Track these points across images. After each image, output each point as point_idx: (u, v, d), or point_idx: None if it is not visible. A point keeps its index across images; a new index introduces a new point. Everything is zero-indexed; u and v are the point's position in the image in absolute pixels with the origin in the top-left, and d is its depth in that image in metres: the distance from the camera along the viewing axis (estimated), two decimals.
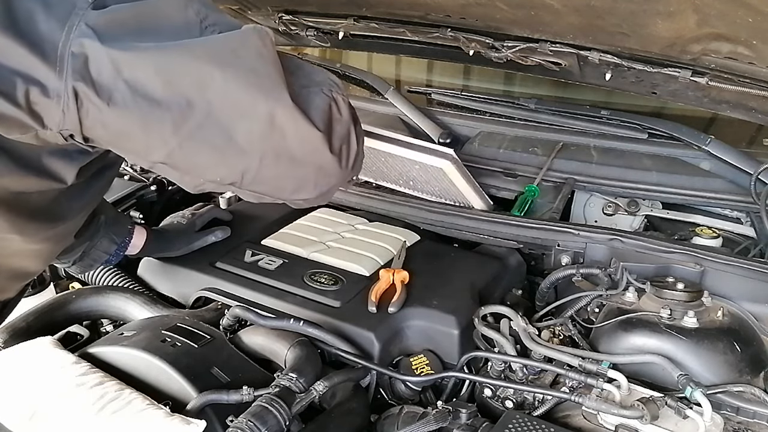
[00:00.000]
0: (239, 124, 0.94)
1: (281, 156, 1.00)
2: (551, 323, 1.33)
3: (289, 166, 1.02)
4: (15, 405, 1.06)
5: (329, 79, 1.06)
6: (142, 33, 0.87)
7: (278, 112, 0.94)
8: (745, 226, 1.66)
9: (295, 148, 0.99)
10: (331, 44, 2.00)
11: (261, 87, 0.93)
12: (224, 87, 0.90)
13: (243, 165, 0.99)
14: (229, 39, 0.92)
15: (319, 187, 1.09)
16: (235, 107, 0.93)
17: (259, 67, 0.93)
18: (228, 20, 0.96)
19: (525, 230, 1.57)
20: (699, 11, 1.09)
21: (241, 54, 0.92)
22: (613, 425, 1.07)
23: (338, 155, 1.04)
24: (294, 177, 1.06)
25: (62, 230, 1.14)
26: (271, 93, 0.93)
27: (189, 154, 0.96)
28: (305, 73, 1.04)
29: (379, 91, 2.16)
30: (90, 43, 0.84)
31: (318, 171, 1.06)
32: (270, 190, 1.08)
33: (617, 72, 1.51)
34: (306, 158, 1.02)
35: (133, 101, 0.87)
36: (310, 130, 0.98)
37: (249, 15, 1.97)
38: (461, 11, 1.44)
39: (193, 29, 0.90)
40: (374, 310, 1.31)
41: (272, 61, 0.94)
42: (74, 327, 1.41)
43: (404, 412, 1.16)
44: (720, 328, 1.21)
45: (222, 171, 1.00)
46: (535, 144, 1.89)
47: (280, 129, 0.96)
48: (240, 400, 1.05)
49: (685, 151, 1.75)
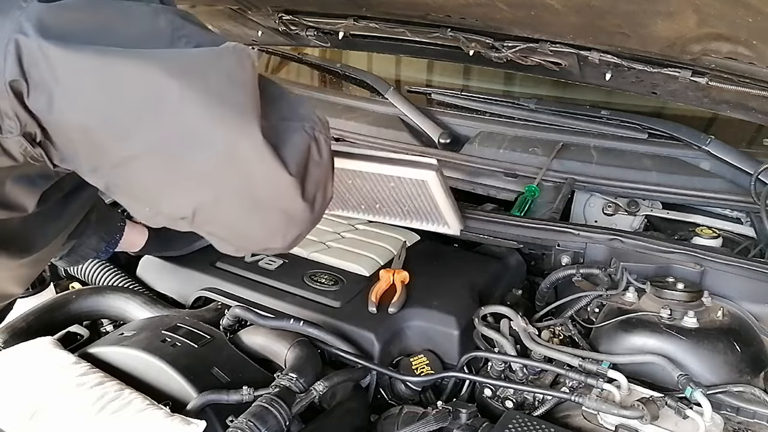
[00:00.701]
0: (193, 152, 0.82)
1: (242, 197, 0.87)
2: (551, 323, 1.33)
3: (252, 211, 0.89)
4: (15, 405, 1.06)
5: (314, 115, 0.94)
6: (94, 34, 0.78)
7: (242, 145, 0.82)
8: (745, 226, 1.66)
9: (260, 190, 0.87)
10: (331, 44, 2.00)
11: (224, 114, 0.81)
12: (179, 108, 0.79)
13: (194, 200, 0.87)
14: (199, 55, 0.82)
15: (287, 237, 0.96)
16: (190, 133, 0.81)
17: (226, 91, 0.81)
18: (208, 35, 0.86)
19: (525, 230, 1.57)
20: (699, 11, 1.09)
21: (209, 74, 0.81)
22: (613, 425, 1.07)
23: (311, 203, 0.92)
24: (260, 224, 0.92)
25: (38, 257, 1.07)
26: (236, 123, 0.81)
27: (131, 177, 0.85)
28: (288, 104, 0.92)
29: (379, 91, 2.16)
30: (25, 38, 0.75)
31: (287, 219, 0.93)
32: (231, 236, 0.95)
33: (617, 72, 1.51)
34: (273, 203, 0.90)
35: (71, 107, 0.78)
36: (279, 172, 0.85)
37: (249, 15, 1.97)
38: (461, 11, 1.44)
39: (160, 39, 0.81)
40: (374, 310, 1.31)
41: (245, 87, 0.83)
42: (74, 327, 1.41)
43: (404, 412, 1.16)
44: (720, 328, 1.21)
45: (170, 203, 0.89)
46: (535, 144, 1.89)
47: (242, 166, 0.84)
48: (240, 400, 1.05)
49: (685, 151, 1.75)
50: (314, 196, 0.92)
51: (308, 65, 2.49)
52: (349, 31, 1.77)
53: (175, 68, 0.79)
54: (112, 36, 0.79)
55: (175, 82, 0.78)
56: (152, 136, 0.81)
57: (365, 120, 2.12)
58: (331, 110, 2.20)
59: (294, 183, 0.87)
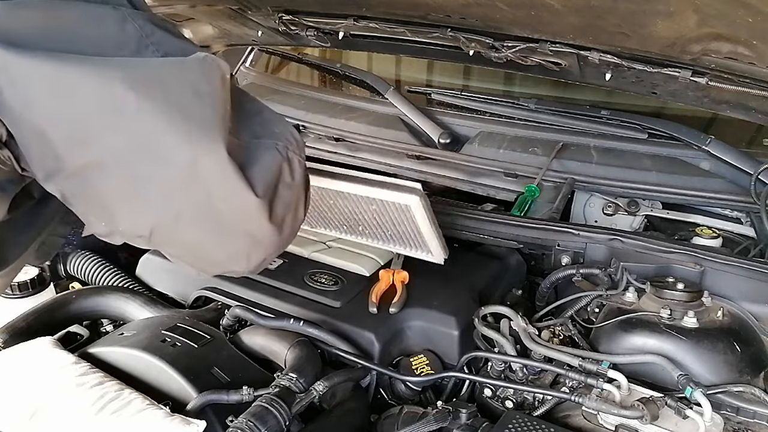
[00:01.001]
0: (151, 167, 0.77)
1: (204, 218, 0.82)
2: (551, 323, 1.33)
3: (214, 232, 0.84)
4: (15, 405, 1.06)
5: (290, 133, 0.89)
6: (51, 36, 0.74)
7: (204, 162, 0.77)
8: (745, 226, 1.66)
9: (223, 211, 0.82)
10: (331, 44, 2.00)
11: (187, 129, 0.76)
12: (137, 119, 0.75)
13: (151, 218, 0.82)
14: (164, 65, 0.78)
15: (252, 260, 0.91)
16: (148, 146, 0.76)
17: (190, 105, 0.77)
18: (179, 44, 0.82)
19: (525, 230, 1.57)
20: (699, 11, 1.09)
21: (172, 85, 0.77)
22: (613, 425, 1.07)
23: (279, 225, 0.87)
24: (222, 246, 0.87)
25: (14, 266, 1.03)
26: (199, 139, 0.76)
27: (87, 188, 0.80)
28: (263, 121, 0.88)
29: (379, 91, 2.16)
30: None
31: (252, 242, 0.88)
32: (192, 258, 0.90)
33: (617, 72, 1.50)
34: (237, 225, 0.84)
35: (24, 108, 0.75)
36: (244, 193, 0.80)
37: (249, 15, 1.97)
38: (461, 11, 1.44)
39: (126, 46, 0.77)
40: (375, 310, 1.31)
41: (212, 102, 0.78)
42: (74, 327, 1.42)
43: (404, 412, 1.16)
44: (720, 328, 1.21)
45: (127, 219, 0.84)
46: (535, 144, 1.89)
47: (204, 184, 0.79)
48: (240, 400, 1.05)
49: (685, 151, 1.75)
50: (283, 219, 0.87)
51: (308, 65, 2.50)
52: (349, 31, 1.77)
53: (133, 78, 0.75)
54: (72, 40, 0.75)
55: (132, 93, 0.74)
56: (109, 147, 0.77)
57: (365, 120, 2.12)
58: (331, 110, 2.21)
59: (260, 205, 0.82)
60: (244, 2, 1.86)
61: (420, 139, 2.03)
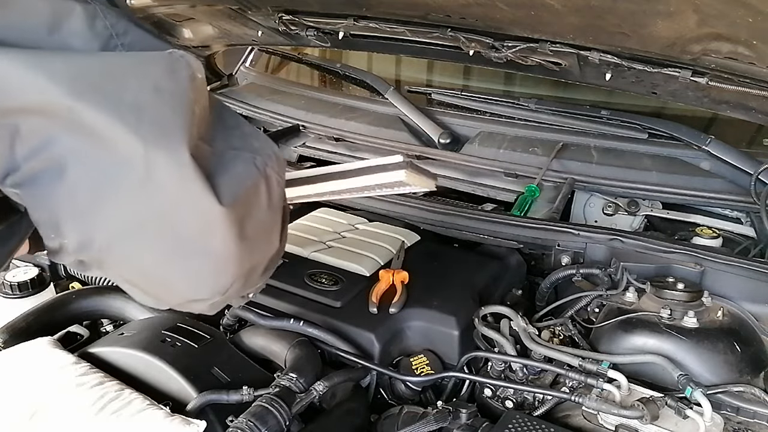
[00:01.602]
0: (101, 172, 0.68)
1: (162, 231, 0.72)
2: (551, 323, 1.33)
3: (173, 249, 0.73)
4: (15, 405, 1.06)
5: (271, 150, 0.80)
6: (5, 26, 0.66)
7: (160, 163, 0.67)
8: (745, 226, 1.66)
9: (184, 221, 0.72)
10: (331, 44, 2.00)
11: (141, 128, 0.67)
12: (86, 118, 0.66)
13: (101, 231, 0.71)
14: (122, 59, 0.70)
15: (218, 285, 0.79)
16: (98, 148, 0.67)
17: (147, 102, 0.68)
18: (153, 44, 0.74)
19: (525, 230, 1.57)
20: (699, 11, 1.09)
21: (127, 81, 0.68)
22: (613, 425, 1.07)
23: (249, 250, 0.77)
24: (181, 268, 0.76)
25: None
26: (155, 138, 0.67)
27: (36, 194, 0.71)
28: (242, 134, 0.80)
29: (379, 91, 2.16)
30: None
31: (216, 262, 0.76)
32: (147, 283, 0.78)
33: (617, 72, 1.51)
34: (199, 239, 0.73)
35: None
36: (205, 199, 0.69)
37: (249, 15, 1.97)
38: (461, 11, 1.44)
39: (91, 44, 0.70)
40: (375, 311, 1.31)
41: (174, 99, 0.70)
42: (74, 327, 1.41)
43: (404, 412, 1.16)
44: (720, 328, 1.21)
45: (73, 231, 0.72)
46: (535, 144, 1.89)
47: (160, 189, 0.69)
48: (240, 400, 1.05)
49: (685, 151, 1.75)
50: (254, 242, 0.77)
51: (308, 65, 2.50)
52: (349, 31, 1.77)
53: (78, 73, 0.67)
54: (25, 31, 0.67)
55: (72, 95, 0.65)
56: (59, 146, 0.68)
57: (365, 120, 2.12)
58: (331, 110, 2.21)
59: (226, 216, 0.71)
60: (244, 2, 1.86)
61: (420, 139, 2.03)
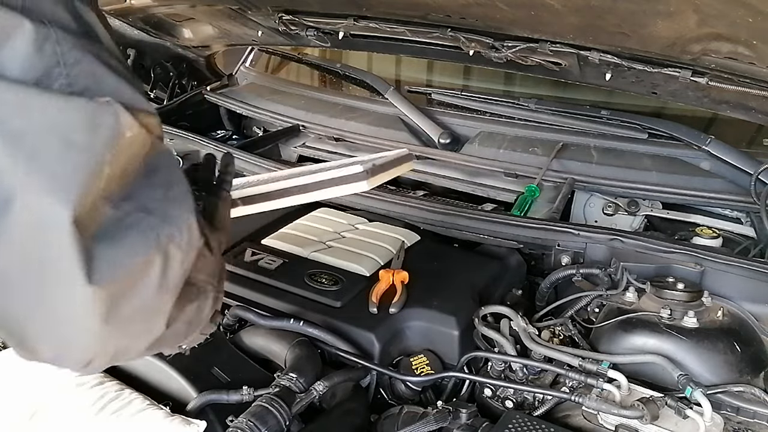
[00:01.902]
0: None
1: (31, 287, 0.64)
2: (551, 323, 1.33)
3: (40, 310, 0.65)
4: (15, 405, 1.06)
5: (186, 226, 0.71)
6: None
7: (35, 217, 0.60)
8: (745, 226, 1.66)
9: (51, 283, 0.63)
10: (331, 44, 2.00)
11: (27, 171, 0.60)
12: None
13: None
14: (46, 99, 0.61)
15: (78, 358, 0.70)
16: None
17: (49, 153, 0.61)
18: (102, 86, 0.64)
19: (525, 230, 1.57)
20: (699, 11, 1.09)
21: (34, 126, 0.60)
22: (613, 425, 1.07)
23: (118, 331, 0.68)
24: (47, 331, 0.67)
25: None
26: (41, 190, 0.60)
27: None
28: (163, 197, 0.70)
29: (379, 91, 2.16)
30: None
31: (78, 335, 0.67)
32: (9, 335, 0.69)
33: (617, 72, 1.51)
34: (63, 309, 0.65)
35: None
36: (72, 274, 0.62)
37: (249, 15, 1.97)
38: (461, 11, 1.44)
39: (30, 71, 0.61)
40: (375, 311, 1.31)
41: (80, 157, 0.62)
42: None
43: (404, 412, 1.16)
44: (720, 328, 1.21)
45: None
46: (535, 144, 1.89)
47: (29, 238, 0.61)
48: (240, 400, 1.05)
49: (685, 151, 1.75)
50: (129, 325, 0.69)
51: (308, 65, 2.50)
52: (349, 31, 1.78)
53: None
54: None
55: None
56: None
57: (365, 120, 2.12)
58: (331, 110, 2.21)
59: (92, 294, 0.63)
60: (244, 2, 1.86)
61: (420, 139, 2.03)
